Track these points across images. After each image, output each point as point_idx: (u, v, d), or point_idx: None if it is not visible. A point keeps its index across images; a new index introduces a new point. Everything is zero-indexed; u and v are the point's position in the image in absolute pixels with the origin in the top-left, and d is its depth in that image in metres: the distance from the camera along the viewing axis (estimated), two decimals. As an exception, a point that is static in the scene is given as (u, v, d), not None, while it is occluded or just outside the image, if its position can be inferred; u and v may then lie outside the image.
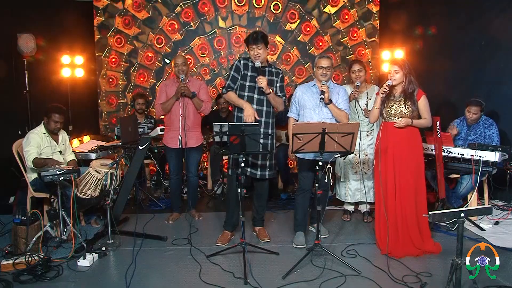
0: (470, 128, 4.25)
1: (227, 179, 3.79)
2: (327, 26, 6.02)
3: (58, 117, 3.78)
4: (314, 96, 3.56)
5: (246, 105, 3.46)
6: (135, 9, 5.77)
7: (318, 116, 3.53)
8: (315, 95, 3.56)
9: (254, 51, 3.43)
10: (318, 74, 3.53)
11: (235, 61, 3.59)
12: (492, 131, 4.13)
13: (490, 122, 4.18)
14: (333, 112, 3.49)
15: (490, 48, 4.67)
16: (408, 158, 3.30)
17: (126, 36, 5.80)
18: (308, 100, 3.59)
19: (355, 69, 3.92)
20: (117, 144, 4.25)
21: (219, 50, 5.95)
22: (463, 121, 4.32)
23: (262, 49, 3.43)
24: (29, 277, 2.96)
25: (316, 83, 3.61)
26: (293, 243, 3.55)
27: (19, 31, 4.90)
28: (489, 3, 4.72)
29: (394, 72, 3.27)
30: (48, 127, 3.80)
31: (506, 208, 4.26)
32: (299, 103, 3.63)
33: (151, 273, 3.07)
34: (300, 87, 3.74)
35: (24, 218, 3.38)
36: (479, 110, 4.14)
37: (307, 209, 3.66)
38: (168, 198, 4.80)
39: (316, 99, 3.52)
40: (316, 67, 3.56)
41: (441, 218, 2.47)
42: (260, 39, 3.41)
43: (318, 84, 3.56)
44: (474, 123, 4.22)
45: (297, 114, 3.68)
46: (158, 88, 4.29)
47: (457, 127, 4.30)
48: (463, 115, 4.29)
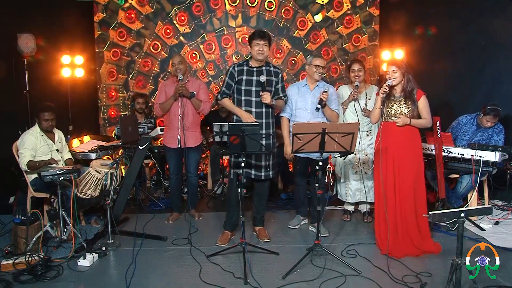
0: (479, 129, 4.19)
1: (228, 179, 3.79)
2: (331, 31, 6.02)
3: (47, 114, 3.81)
4: (306, 96, 3.67)
5: (241, 112, 3.49)
6: (138, 4, 5.77)
7: (310, 115, 3.64)
8: (307, 95, 3.68)
9: (260, 46, 3.44)
10: (314, 72, 3.60)
11: (229, 68, 3.60)
12: (500, 138, 4.08)
13: (500, 129, 4.10)
14: (326, 114, 3.63)
15: (490, 48, 4.67)
16: (408, 158, 3.30)
17: (129, 30, 5.79)
18: (300, 100, 3.67)
19: (355, 68, 3.92)
20: (117, 144, 4.25)
21: (210, 54, 5.94)
22: (474, 120, 4.23)
23: (266, 47, 3.46)
24: (29, 277, 2.96)
25: (307, 82, 3.67)
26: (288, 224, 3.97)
27: (19, 31, 4.90)
28: (489, 3, 4.72)
29: (392, 72, 3.27)
30: (41, 127, 3.83)
31: (506, 208, 4.26)
32: (290, 103, 3.67)
33: (151, 273, 3.07)
34: (291, 87, 3.78)
35: (24, 218, 3.38)
36: (496, 120, 4.05)
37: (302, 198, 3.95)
38: (168, 198, 4.79)
39: (307, 99, 3.66)
40: (310, 65, 3.65)
41: (441, 218, 2.48)
42: (266, 36, 3.46)
43: (309, 83, 3.67)
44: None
45: (290, 114, 3.74)
46: (158, 88, 4.28)
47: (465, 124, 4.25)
48: (475, 113, 4.22)
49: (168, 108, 4.04)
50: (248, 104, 3.52)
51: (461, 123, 4.33)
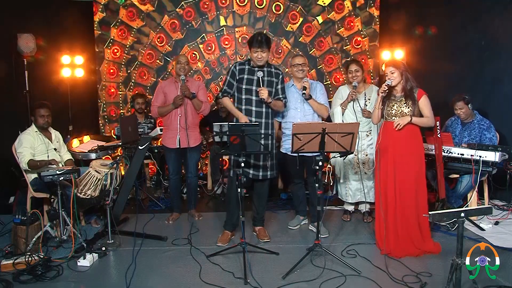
0: (465, 128, 4.23)
1: (228, 179, 3.80)
2: (329, 33, 6.01)
3: (43, 111, 3.84)
4: (294, 96, 3.76)
5: (239, 114, 3.50)
6: (140, 2, 5.77)
7: (301, 114, 3.71)
8: (295, 94, 3.76)
9: (258, 54, 3.44)
10: (295, 71, 3.73)
11: (231, 66, 3.61)
12: (492, 134, 4.11)
13: (488, 124, 4.13)
14: (314, 107, 3.70)
15: (490, 48, 4.67)
16: (410, 158, 3.30)
17: (129, 28, 5.79)
18: (289, 100, 3.71)
19: (352, 69, 3.93)
20: (117, 144, 4.26)
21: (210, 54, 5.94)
22: (457, 120, 4.31)
23: (265, 53, 3.45)
24: (29, 277, 2.96)
25: (294, 82, 3.73)
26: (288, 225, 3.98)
27: (19, 31, 4.90)
28: (489, 3, 4.72)
29: (390, 73, 3.28)
30: (38, 125, 3.85)
31: (506, 208, 4.26)
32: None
33: (151, 273, 3.07)
34: None
35: (24, 218, 3.38)
36: (464, 104, 4.13)
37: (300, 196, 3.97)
38: (168, 198, 4.79)
39: (296, 98, 3.73)
40: (292, 65, 3.78)
41: (441, 218, 2.48)
42: (264, 43, 3.39)
43: (296, 83, 3.76)
44: (468, 119, 4.19)
45: (280, 117, 3.83)
46: (156, 89, 4.28)
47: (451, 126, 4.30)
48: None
49: (165, 114, 4.07)
50: (248, 103, 3.53)
51: (448, 124, 4.39)
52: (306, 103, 3.69)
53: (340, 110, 3.97)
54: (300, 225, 4.00)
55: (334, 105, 4.04)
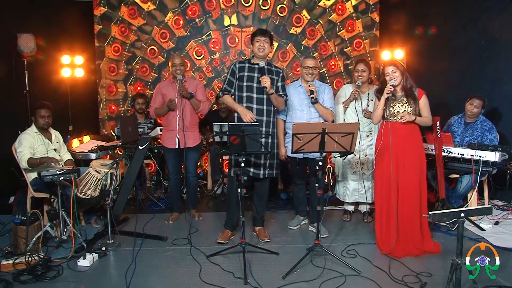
0: (467, 127, 4.23)
1: (228, 179, 3.79)
2: (332, 35, 6.02)
3: (44, 111, 3.84)
4: (301, 96, 3.73)
5: (240, 108, 3.49)
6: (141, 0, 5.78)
7: (307, 115, 3.69)
8: (302, 95, 3.73)
9: (261, 42, 3.48)
10: (304, 73, 3.69)
11: (231, 65, 3.62)
12: (494, 136, 4.10)
13: (490, 126, 4.12)
14: (320, 111, 3.67)
15: (490, 48, 4.67)
16: (412, 157, 3.30)
17: (130, 26, 5.79)
18: (295, 100, 3.70)
19: (359, 68, 3.92)
20: (117, 144, 4.25)
21: (215, 51, 5.96)
22: (461, 119, 4.30)
23: (267, 44, 3.50)
24: (29, 277, 2.96)
25: (302, 83, 3.71)
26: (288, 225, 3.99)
27: (19, 31, 4.90)
28: (489, 3, 4.72)
29: (392, 73, 3.27)
30: (38, 125, 3.85)
31: (506, 208, 4.26)
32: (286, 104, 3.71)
33: (151, 273, 3.07)
34: (287, 87, 3.77)
35: (24, 218, 3.38)
36: (481, 105, 4.11)
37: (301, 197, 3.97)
38: (168, 198, 4.79)
39: (303, 99, 3.71)
40: (302, 67, 3.73)
41: (441, 218, 2.48)
42: (268, 33, 3.54)
43: (304, 84, 3.72)
44: (473, 119, 4.18)
45: (285, 115, 3.77)
46: (154, 91, 4.28)
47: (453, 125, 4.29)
48: (462, 112, 4.27)
49: (162, 115, 4.08)
50: (249, 101, 3.52)
51: (450, 123, 4.37)
52: (312, 106, 3.67)
53: (342, 108, 3.97)
54: (300, 225, 4.00)
55: (337, 102, 4.02)
